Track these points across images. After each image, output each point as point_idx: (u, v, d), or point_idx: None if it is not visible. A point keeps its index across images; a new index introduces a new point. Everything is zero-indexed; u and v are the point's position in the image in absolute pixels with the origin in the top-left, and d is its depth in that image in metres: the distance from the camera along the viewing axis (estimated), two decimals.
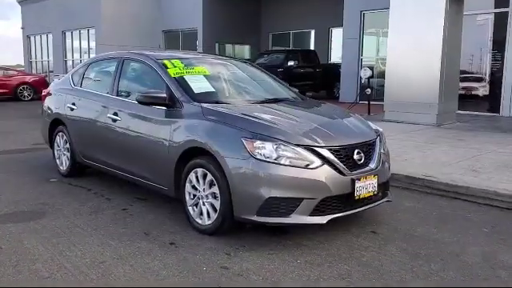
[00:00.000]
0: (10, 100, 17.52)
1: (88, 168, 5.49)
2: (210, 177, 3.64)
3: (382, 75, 13.17)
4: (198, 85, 4.29)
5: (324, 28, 20.96)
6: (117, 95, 4.77)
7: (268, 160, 3.36)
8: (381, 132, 4.15)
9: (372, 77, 12.71)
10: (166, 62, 4.46)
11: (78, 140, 5.29)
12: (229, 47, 23.29)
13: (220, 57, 5.60)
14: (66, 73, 24.63)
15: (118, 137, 4.60)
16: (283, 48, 21.48)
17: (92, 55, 23.45)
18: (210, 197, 3.69)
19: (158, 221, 4.13)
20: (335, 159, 3.49)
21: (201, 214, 3.78)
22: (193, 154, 3.81)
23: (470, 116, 11.00)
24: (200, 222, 3.77)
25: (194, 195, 3.83)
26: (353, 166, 3.60)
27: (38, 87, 17.99)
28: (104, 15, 21.86)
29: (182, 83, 4.20)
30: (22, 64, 32.19)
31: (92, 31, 23.06)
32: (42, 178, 5.67)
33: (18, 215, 4.29)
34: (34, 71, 26.80)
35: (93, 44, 23.28)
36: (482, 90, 11.92)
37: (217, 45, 21.90)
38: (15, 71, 19.19)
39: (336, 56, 20.90)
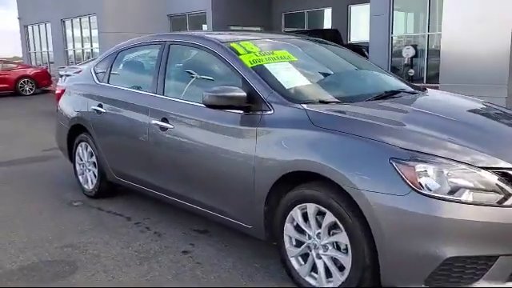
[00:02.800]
0: (10, 95, 16.24)
1: (119, 186, 4.25)
2: (330, 217, 2.40)
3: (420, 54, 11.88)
4: (287, 76, 3.02)
5: (342, 5, 19.54)
6: (163, 94, 3.51)
7: (439, 196, 2.11)
8: None
9: (416, 56, 11.39)
10: (234, 45, 3.18)
11: (110, 153, 4.05)
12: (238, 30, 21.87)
13: (291, 35, 4.28)
14: (68, 64, 23.52)
15: (170, 151, 3.36)
16: (302, 29, 20.05)
17: (95, 44, 22.10)
18: (329, 247, 2.46)
19: (240, 271, 2.91)
20: None
21: (313, 270, 2.56)
22: (296, 180, 2.57)
23: None
24: (314, 283, 2.54)
25: (301, 242, 2.60)
26: None
27: (40, 80, 16.79)
28: (105, 0, 20.44)
29: (265, 75, 2.93)
30: (20, 56, 30.75)
31: (93, 18, 21.62)
32: (61, 200, 4.44)
33: (39, 269, 3.06)
34: (33, 63, 25.43)
35: (95, 32, 21.87)
36: None
37: (231, 28, 20.53)
38: (15, 64, 17.88)
39: (356, 36, 19.55)
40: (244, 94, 2.80)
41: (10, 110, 12.51)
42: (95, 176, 4.34)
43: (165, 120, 3.36)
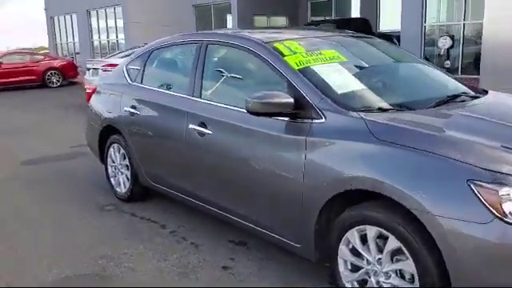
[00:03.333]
0: (37, 87, 16.33)
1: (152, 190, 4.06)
2: (394, 242, 2.15)
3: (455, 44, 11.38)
4: (338, 80, 2.76)
5: None
6: (200, 97, 3.28)
7: None
8: None
9: (453, 46, 10.89)
10: (278, 45, 2.93)
11: (143, 156, 3.86)
12: (263, 20, 21.56)
13: (335, 32, 3.97)
14: (93, 54, 23.58)
15: (208, 158, 3.15)
16: (329, 18, 19.58)
17: (120, 35, 22.08)
18: (392, 275, 2.21)
19: None
20: None
21: None
22: (352, 200, 2.33)
23: None
24: None
25: (358, 267, 2.36)
26: None
27: (66, 72, 16.83)
28: None
29: (314, 79, 2.67)
30: (45, 46, 31.06)
31: (118, 9, 21.58)
32: (92, 204, 4.29)
33: (74, 284, 2.91)
34: (59, 54, 25.62)
35: (120, 23, 21.83)
36: None
37: (254, 18, 20.20)
38: (42, 56, 17.96)
39: (386, 25, 18.99)
40: (291, 100, 2.55)
41: (38, 102, 12.54)
42: (128, 179, 4.17)
43: (203, 125, 3.15)
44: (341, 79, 2.77)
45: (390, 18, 18.90)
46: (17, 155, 6.30)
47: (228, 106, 3.02)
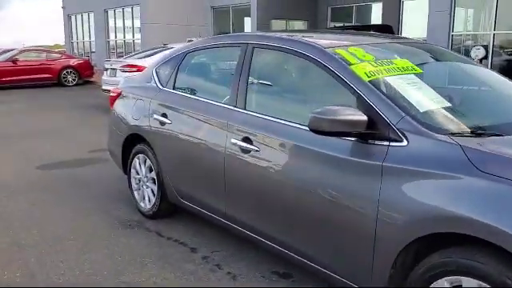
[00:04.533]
0: (53, 85, 16.10)
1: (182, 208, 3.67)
2: None
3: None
4: (418, 95, 2.34)
5: (394, 0, 18.49)
6: (245, 108, 2.89)
7: None
8: None
9: (486, 57, 10.42)
10: (341, 52, 2.52)
11: (174, 171, 3.47)
12: (281, 24, 21.22)
13: (401, 38, 3.49)
14: (109, 54, 23.37)
15: (252, 178, 2.74)
16: (349, 24, 19.17)
17: (137, 35, 21.83)
18: None
19: None
20: None
21: None
22: (443, 243, 1.91)
23: None
24: None
25: None
26: None
27: (83, 71, 16.60)
28: None
29: (390, 93, 2.26)
30: (61, 44, 30.98)
31: (136, 9, 21.34)
32: (114, 219, 3.91)
33: None
34: (76, 52, 25.47)
35: (137, 23, 21.59)
36: None
37: (272, 21, 19.87)
38: (59, 54, 17.74)
39: (408, 32, 18.49)
40: (365, 117, 2.14)
41: (54, 102, 12.25)
42: (154, 194, 3.78)
43: (247, 140, 2.75)
44: (420, 95, 2.35)
45: (413, 26, 18.43)
46: (32, 159, 5.96)
47: (279, 121, 2.61)
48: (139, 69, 9.62)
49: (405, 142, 2.06)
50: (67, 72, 16.34)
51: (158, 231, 3.65)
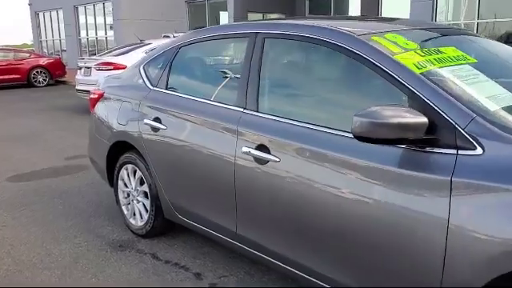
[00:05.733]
0: (23, 86, 15.24)
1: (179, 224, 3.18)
2: None
3: None
4: (482, 91, 1.92)
5: None
6: (257, 110, 2.42)
7: None
8: None
9: None
10: (379, 40, 2.09)
11: (171, 184, 2.99)
12: (258, 17, 20.79)
13: (432, 24, 3.07)
14: (80, 52, 22.49)
15: (271, 193, 2.28)
16: (329, 16, 18.81)
17: (110, 32, 21.01)
18: None
19: None
20: None
21: None
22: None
23: None
24: None
25: None
26: None
27: (54, 71, 15.79)
28: None
29: (451, 88, 1.83)
30: (29, 43, 29.69)
31: (108, 5, 20.52)
32: (100, 240, 3.40)
33: None
34: (45, 51, 24.44)
35: (109, 19, 20.78)
36: None
37: (249, 15, 19.39)
38: (27, 53, 16.83)
39: None
40: (425, 119, 1.71)
41: (24, 104, 11.49)
42: (146, 210, 3.29)
43: (263, 149, 2.29)
44: (485, 89, 1.94)
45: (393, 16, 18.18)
46: (1, 169, 5.35)
47: (305, 125, 2.16)
48: (115, 67, 9.03)
49: (479, 150, 1.64)
50: (37, 72, 15.50)
51: (154, 253, 3.16)
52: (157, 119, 3.00)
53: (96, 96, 3.71)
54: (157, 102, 3.06)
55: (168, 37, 14.01)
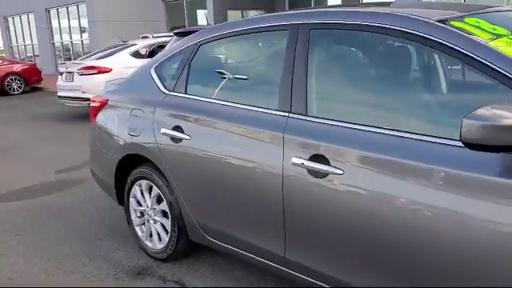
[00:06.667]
0: None
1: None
2: None
3: None
4: None
5: None
6: (306, 113, 2.07)
7: None
8: None
9: None
10: (462, 25, 1.76)
11: (198, 201, 2.61)
12: (237, 14, 20.45)
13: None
14: (54, 57, 21.70)
15: (336, 212, 1.93)
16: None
17: (85, 35, 20.30)
18: None
19: None
20: None
21: None
22: None
23: None
24: None
25: None
26: None
27: (29, 77, 15.05)
28: None
29: None
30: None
31: (82, 7, 19.80)
32: (114, 266, 3.00)
33: None
34: (17, 57, 23.51)
35: (84, 22, 20.06)
36: None
37: (228, 12, 19.00)
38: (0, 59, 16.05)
39: None
40: None
41: (1, 114, 10.85)
42: (167, 231, 2.91)
43: (320, 159, 1.94)
44: None
45: None
46: None
47: (377, 130, 1.82)
48: (100, 70, 8.56)
49: None
50: (11, 79, 14.75)
51: (179, 280, 2.78)
52: (177, 128, 2.61)
53: (97, 104, 3.30)
54: (176, 109, 2.67)
55: (147, 37, 13.50)
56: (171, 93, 2.77)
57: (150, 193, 2.97)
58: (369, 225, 1.82)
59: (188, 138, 2.55)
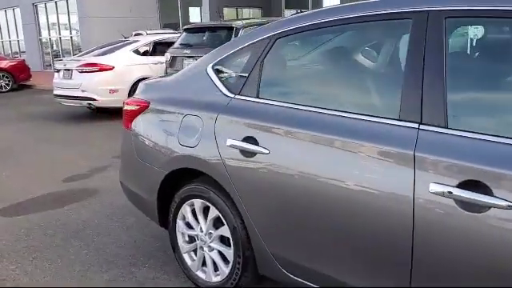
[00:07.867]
0: None
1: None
2: None
3: None
4: None
5: None
6: (446, 125, 1.62)
7: None
8: None
9: None
10: None
11: (275, 227, 2.13)
12: (232, 12, 20.06)
13: None
14: (42, 53, 20.94)
15: (500, 256, 1.49)
16: (305, 10, 18.21)
17: (74, 31, 19.56)
18: None
19: None
20: None
21: None
22: None
23: None
24: None
25: None
26: None
27: (17, 74, 14.36)
28: None
29: None
30: None
31: (72, 2, 19.07)
32: None
33: None
34: (1, 53, 22.60)
35: (74, 18, 19.34)
36: None
37: (225, 10, 18.56)
38: None
39: None
40: None
41: None
42: (226, 261, 2.42)
43: (478, 188, 1.49)
44: None
45: None
46: None
47: None
48: (101, 68, 8.02)
49: None
50: None
51: None
52: (250, 139, 2.13)
53: (136, 108, 2.79)
54: (246, 116, 2.19)
55: (140, 34, 12.94)
56: (237, 96, 2.29)
57: (205, 214, 2.49)
58: None
59: (266, 151, 2.07)
